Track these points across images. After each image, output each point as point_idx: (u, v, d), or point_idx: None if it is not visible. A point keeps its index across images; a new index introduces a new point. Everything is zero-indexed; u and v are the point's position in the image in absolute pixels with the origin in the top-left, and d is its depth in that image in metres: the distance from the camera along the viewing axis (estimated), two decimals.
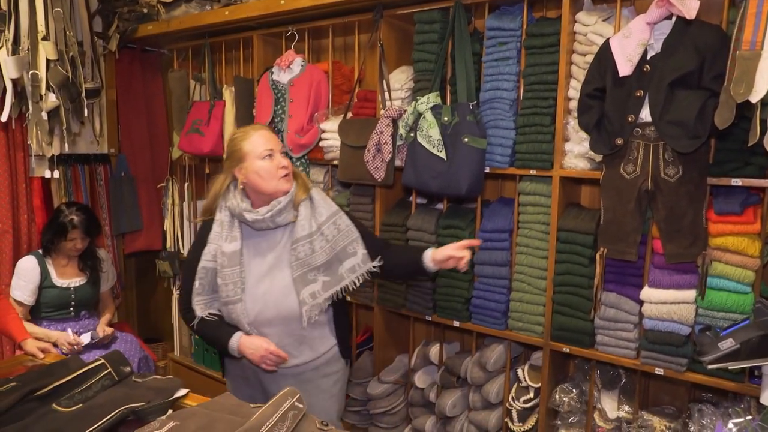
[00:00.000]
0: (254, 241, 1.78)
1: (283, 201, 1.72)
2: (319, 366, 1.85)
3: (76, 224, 2.65)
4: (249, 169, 1.72)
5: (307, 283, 1.73)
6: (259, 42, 2.84)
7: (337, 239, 1.76)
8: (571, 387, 2.13)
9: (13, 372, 1.71)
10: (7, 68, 2.69)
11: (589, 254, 1.96)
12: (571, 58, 1.97)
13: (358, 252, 1.77)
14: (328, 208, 1.78)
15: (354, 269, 1.76)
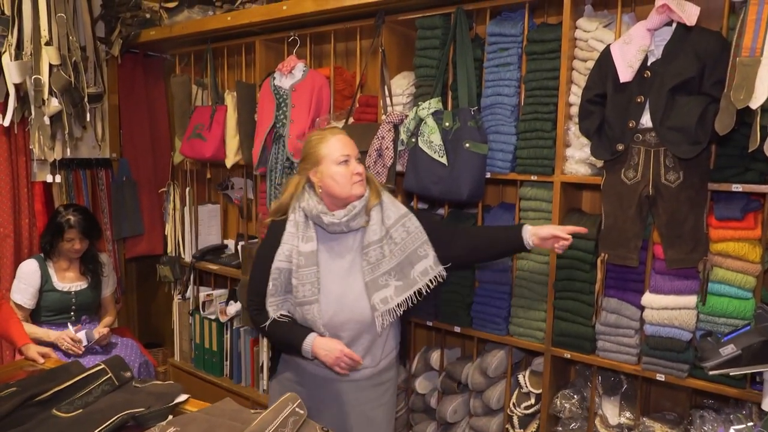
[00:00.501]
0: (328, 245, 1.77)
1: (358, 206, 1.71)
2: (375, 374, 1.82)
3: (72, 224, 2.65)
4: (324, 173, 1.72)
5: (378, 288, 1.71)
6: (261, 47, 2.85)
7: (406, 242, 1.73)
8: (573, 393, 2.12)
9: (13, 377, 1.71)
10: (10, 73, 2.70)
11: (590, 260, 1.96)
12: (572, 64, 1.98)
13: (429, 254, 1.73)
14: (396, 211, 1.76)
15: (426, 272, 1.72)
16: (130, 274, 3.79)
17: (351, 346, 1.72)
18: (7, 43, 2.72)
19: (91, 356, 2.56)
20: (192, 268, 3.33)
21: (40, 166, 3.17)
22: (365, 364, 1.77)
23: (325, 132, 1.79)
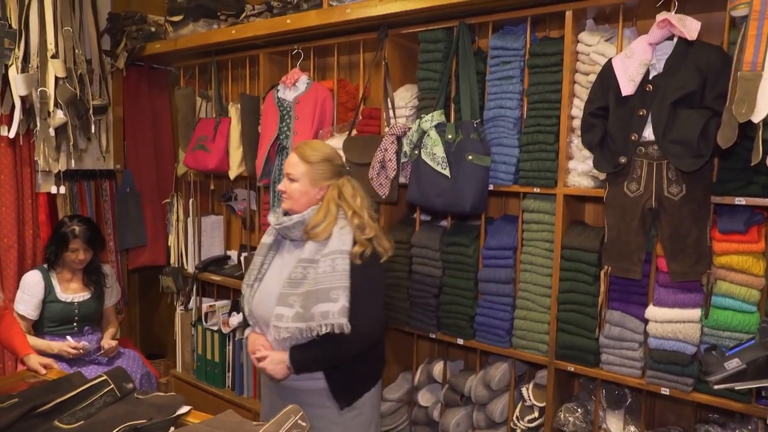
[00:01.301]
0: (286, 247, 1.85)
1: (290, 219, 1.77)
2: (304, 392, 1.80)
3: (77, 234, 2.66)
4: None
5: (284, 304, 1.70)
6: (265, 60, 2.87)
7: (325, 277, 1.67)
8: (577, 406, 2.11)
9: (15, 388, 1.71)
10: (17, 85, 2.72)
11: (594, 272, 1.95)
12: (574, 78, 1.99)
13: (340, 301, 1.63)
14: (338, 244, 1.71)
15: (326, 315, 1.63)
16: (133, 284, 3.79)
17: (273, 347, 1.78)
18: (14, 56, 2.75)
19: (93, 367, 2.55)
20: (195, 279, 3.33)
21: (44, 177, 3.18)
22: (291, 376, 1.76)
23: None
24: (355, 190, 1.82)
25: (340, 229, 1.73)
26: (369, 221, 1.77)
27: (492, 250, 2.18)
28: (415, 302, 2.37)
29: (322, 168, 1.79)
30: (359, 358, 1.76)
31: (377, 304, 1.78)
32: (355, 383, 1.82)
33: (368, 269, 1.72)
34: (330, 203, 1.77)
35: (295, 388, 1.80)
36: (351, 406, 1.81)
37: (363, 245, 1.72)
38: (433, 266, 2.31)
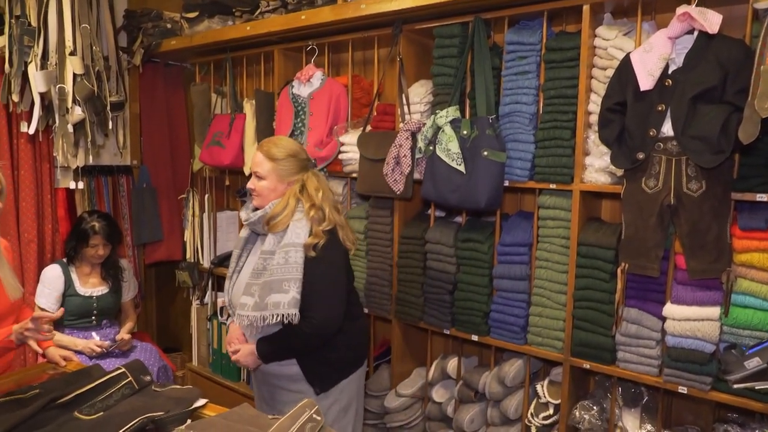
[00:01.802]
0: (260, 241, 1.93)
1: (252, 215, 1.87)
2: (281, 377, 1.90)
3: (97, 230, 2.71)
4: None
5: (247, 293, 1.80)
6: (279, 56, 2.88)
7: (278, 268, 1.75)
8: (592, 404, 2.09)
9: (36, 379, 1.73)
10: (36, 82, 2.76)
11: (610, 269, 1.94)
12: (591, 72, 1.97)
13: (291, 292, 1.73)
14: (292, 237, 1.78)
15: (278, 305, 1.73)
16: (150, 279, 3.83)
17: (247, 334, 1.91)
18: (33, 53, 2.78)
19: (111, 360, 2.59)
20: (210, 273, 3.36)
21: (63, 172, 3.22)
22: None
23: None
24: (320, 184, 1.89)
25: (295, 222, 1.80)
26: (330, 214, 1.84)
27: (507, 247, 2.17)
28: (430, 298, 2.37)
29: (288, 164, 1.86)
30: (326, 346, 1.85)
31: (332, 295, 1.83)
32: (326, 370, 1.90)
33: (321, 261, 1.78)
34: (290, 197, 1.84)
35: (273, 373, 1.91)
36: (327, 392, 1.89)
37: (317, 237, 1.79)
38: (447, 262, 2.30)
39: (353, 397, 1.98)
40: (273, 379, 1.94)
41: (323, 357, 1.87)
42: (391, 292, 2.50)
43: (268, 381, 1.96)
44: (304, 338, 1.80)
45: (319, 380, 1.88)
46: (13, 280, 1.85)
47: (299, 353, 1.86)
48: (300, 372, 1.87)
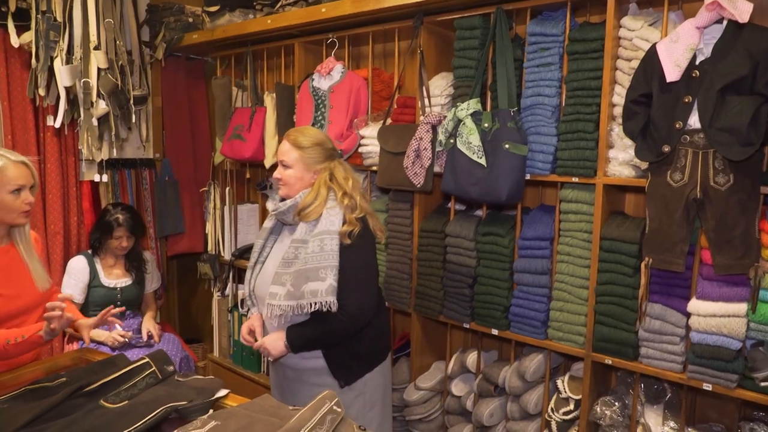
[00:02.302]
0: (285, 231, 1.94)
1: (281, 204, 1.85)
2: (305, 370, 1.88)
3: (121, 222, 2.76)
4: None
5: (278, 282, 1.78)
6: (300, 49, 2.88)
7: (313, 257, 1.73)
8: (614, 400, 2.07)
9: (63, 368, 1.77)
10: (61, 76, 2.80)
11: (634, 264, 1.91)
12: (615, 64, 1.93)
13: (328, 280, 1.71)
14: (327, 225, 1.76)
15: (315, 294, 1.71)
16: (172, 271, 3.88)
17: (268, 326, 1.90)
18: (59, 48, 2.83)
19: (135, 350, 2.64)
20: (231, 266, 3.40)
21: (88, 165, 3.28)
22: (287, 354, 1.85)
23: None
24: (347, 173, 1.88)
25: (328, 210, 1.79)
26: (360, 203, 1.83)
27: (528, 241, 2.15)
28: (449, 292, 2.36)
29: (314, 152, 1.85)
30: (354, 338, 1.83)
31: (366, 283, 1.82)
32: (352, 363, 1.88)
33: (357, 249, 1.78)
34: (321, 186, 1.82)
35: (296, 366, 1.89)
36: (350, 386, 1.88)
37: (352, 224, 1.77)
38: (467, 256, 2.29)
39: (378, 391, 1.95)
40: (294, 373, 1.92)
41: (350, 349, 1.85)
42: (410, 286, 2.50)
43: (290, 374, 1.94)
44: (338, 326, 1.77)
45: (344, 373, 1.87)
46: (42, 271, 1.88)
47: (331, 343, 1.83)
48: (324, 365, 1.85)
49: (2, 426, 1.35)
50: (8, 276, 1.77)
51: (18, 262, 1.82)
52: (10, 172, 1.71)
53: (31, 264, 1.85)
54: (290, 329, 1.81)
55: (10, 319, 1.77)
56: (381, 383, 1.97)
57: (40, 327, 1.65)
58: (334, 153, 1.90)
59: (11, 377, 1.70)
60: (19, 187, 1.73)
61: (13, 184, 1.71)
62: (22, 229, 1.84)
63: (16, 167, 1.72)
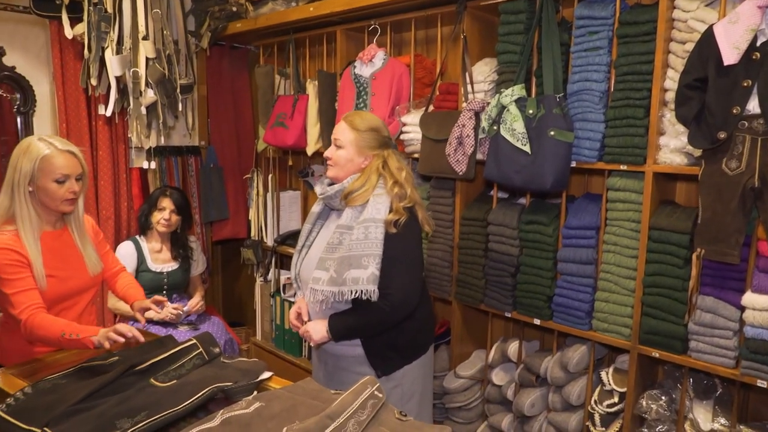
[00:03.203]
0: (332, 215, 1.93)
1: (329, 189, 1.85)
2: (343, 358, 1.88)
3: (167, 194, 2.86)
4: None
5: (321, 267, 1.77)
6: (342, 37, 2.88)
7: (357, 244, 1.71)
8: (660, 394, 2.02)
9: (115, 347, 1.84)
10: (112, 66, 2.89)
11: (684, 255, 1.84)
12: (668, 47, 1.86)
13: (370, 268, 1.68)
14: (373, 212, 1.74)
15: (357, 281, 1.69)
16: (216, 256, 3.98)
17: (311, 310, 1.89)
18: (110, 38, 2.91)
19: (183, 332, 2.72)
20: (273, 251, 3.46)
21: (137, 153, 3.38)
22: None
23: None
24: (401, 163, 1.84)
25: (376, 197, 1.76)
26: (411, 193, 1.80)
27: (573, 230, 2.11)
28: (491, 281, 2.34)
29: (369, 137, 1.82)
30: (394, 329, 1.81)
31: (410, 274, 1.79)
32: (390, 353, 1.86)
33: (402, 238, 1.74)
34: (372, 172, 1.80)
35: (335, 353, 1.89)
36: (388, 377, 1.86)
37: (398, 213, 1.74)
38: (510, 245, 2.26)
39: (417, 383, 1.93)
40: (336, 360, 1.91)
41: (389, 340, 1.83)
42: (451, 274, 2.49)
43: (330, 361, 1.94)
44: (380, 316, 1.74)
45: (382, 363, 1.85)
46: (94, 255, 1.95)
47: (372, 332, 1.81)
48: (362, 354, 1.85)
49: (62, 400, 1.42)
50: (61, 259, 1.84)
51: (71, 246, 1.89)
52: (56, 161, 1.75)
53: (83, 248, 1.91)
54: (332, 317, 1.81)
55: (62, 300, 1.84)
56: (420, 375, 1.94)
57: (96, 332, 1.68)
58: (389, 141, 1.87)
59: (67, 355, 1.78)
60: (64, 177, 1.77)
61: (58, 173, 1.76)
62: (76, 213, 1.90)
63: (63, 156, 1.77)
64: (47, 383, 1.53)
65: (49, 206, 1.81)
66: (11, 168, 1.75)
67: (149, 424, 1.33)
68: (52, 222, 1.84)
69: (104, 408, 1.39)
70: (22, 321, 1.69)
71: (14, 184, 1.74)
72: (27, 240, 1.75)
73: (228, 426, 1.28)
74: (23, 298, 1.70)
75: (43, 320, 1.69)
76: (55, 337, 1.68)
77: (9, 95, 3.29)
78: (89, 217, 2.01)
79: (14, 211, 1.75)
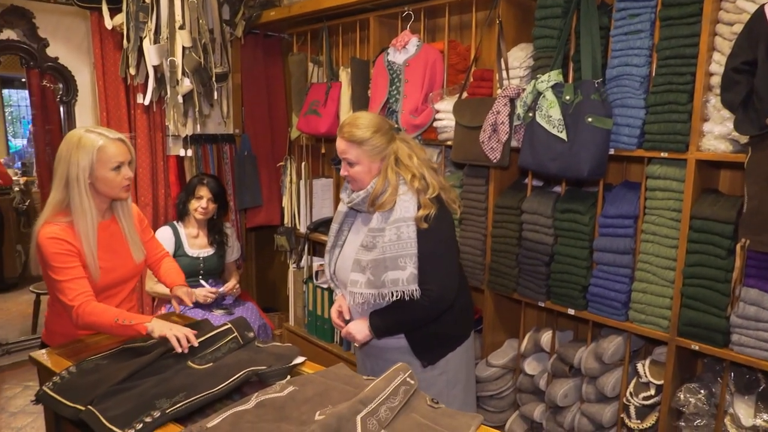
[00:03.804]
0: (361, 217, 1.92)
1: (355, 196, 1.83)
2: (388, 350, 1.87)
3: (204, 183, 2.93)
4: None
5: (358, 270, 1.77)
6: (375, 23, 2.87)
7: (391, 245, 1.70)
8: (699, 387, 1.97)
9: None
10: (150, 56, 2.94)
11: (728, 245, 1.78)
12: (715, 29, 1.79)
13: (408, 268, 1.68)
14: (401, 212, 1.72)
15: (396, 283, 1.69)
16: (250, 242, 4.04)
17: (352, 310, 1.90)
18: (147, 28, 2.97)
19: (218, 317, 2.78)
20: (306, 238, 3.49)
21: (174, 141, 3.45)
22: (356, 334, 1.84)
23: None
24: (411, 149, 1.81)
25: (401, 196, 1.73)
26: (431, 180, 1.77)
27: (610, 219, 2.06)
28: (524, 269, 2.31)
29: (375, 141, 1.77)
30: (435, 320, 1.80)
31: (447, 266, 1.78)
32: (434, 343, 1.86)
33: (434, 232, 1.73)
34: (388, 172, 1.77)
35: (379, 346, 1.89)
36: (434, 365, 1.86)
37: (427, 207, 1.72)
38: (544, 233, 2.23)
39: (462, 369, 1.93)
40: (381, 353, 1.90)
41: (432, 331, 1.83)
42: (484, 262, 2.47)
43: (371, 353, 1.94)
44: (421, 312, 1.74)
45: (426, 353, 1.86)
46: (139, 244, 1.99)
47: (414, 327, 1.81)
48: (406, 344, 1.85)
49: (104, 380, 1.47)
50: (110, 249, 1.89)
51: (118, 235, 1.94)
52: (110, 150, 1.80)
53: (129, 236, 1.96)
54: (373, 316, 1.80)
55: (107, 289, 1.89)
56: (464, 361, 1.94)
57: (149, 320, 1.73)
58: (392, 132, 1.82)
59: (107, 337, 1.84)
60: (119, 164, 1.82)
61: (114, 161, 1.80)
62: (125, 203, 1.94)
63: (115, 145, 1.81)
64: (90, 363, 1.59)
65: (107, 195, 1.84)
66: (64, 163, 1.76)
67: (187, 404, 1.37)
68: (102, 212, 1.89)
69: (144, 388, 1.43)
70: (73, 308, 1.73)
71: (72, 178, 1.76)
72: (85, 231, 1.78)
73: (262, 408, 1.31)
74: (74, 286, 1.75)
75: (95, 308, 1.74)
76: (108, 323, 1.72)
77: (52, 85, 3.40)
78: (134, 205, 2.06)
79: (70, 204, 1.78)
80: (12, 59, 3.28)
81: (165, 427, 1.30)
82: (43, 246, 1.74)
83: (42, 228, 1.77)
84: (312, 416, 1.27)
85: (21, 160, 5.74)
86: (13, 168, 5.58)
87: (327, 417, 1.20)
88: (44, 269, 1.79)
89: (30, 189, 5.10)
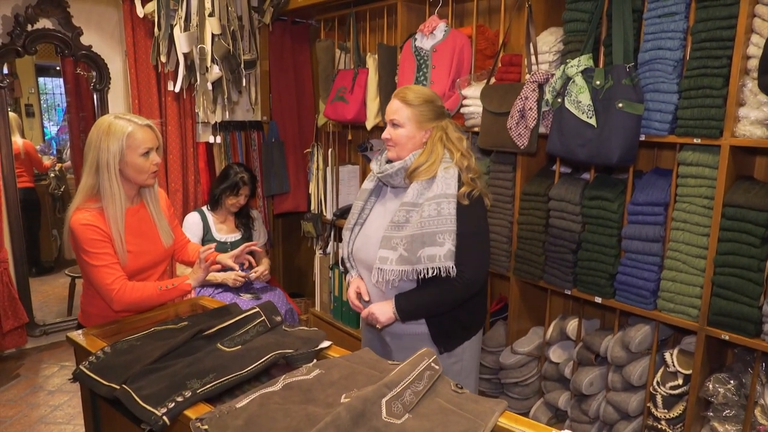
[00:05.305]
0: (389, 193, 1.88)
1: (392, 167, 1.78)
2: (408, 335, 1.84)
3: (246, 182, 3.00)
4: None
5: (387, 246, 1.72)
6: (402, 9, 2.85)
7: (430, 221, 1.66)
8: (729, 378, 1.94)
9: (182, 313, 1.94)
10: (180, 43, 2.98)
11: (762, 234, 1.74)
12: (754, 10, 1.73)
13: (446, 245, 1.64)
14: (443, 188, 1.69)
15: (433, 259, 1.65)
16: (277, 228, 4.10)
17: (371, 291, 1.86)
18: (178, 16, 3.00)
19: (246, 301, 2.84)
20: (332, 225, 3.52)
21: (203, 128, 3.50)
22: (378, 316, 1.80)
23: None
24: (460, 134, 1.80)
25: (444, 171, 1.71)
26: (474, 165, 1.76)
27: (640, 206, 2.03)
28: (551, 257, 2.29)
29: (426, 109, 1.77)
30: (462, 305, 1.78)
31: (482, 249, 1.77)
32: (455, 330, 1.85)
33: (474, 210, 1.72)
34: (436, 144, 1.75)
35: (397, 332, 1.86)
36: (450, 353, 1.85)
37: (470, 185, 1.72)
38: (572, 221, 2.20)
39: (474, 358, 1.93)
40: (397, 339, 1.88)
41: (454, 317, 1.81)
42: (510, 249, 2.46)
43: (386, 340, 1.92)
44: (452, 294, 1.71)
45: (445, 340, 1.84)
46: (168, 228, 2.04)
47: (440, 311, 1.77)
48: (426, 332, 1.82)
49: (138, 360, 1.52)
50: (139, 234, 1.94)
51: (147, 220, 1.98)
52: (139, 136, 1.83)
53: (158, 221, 2.00)
54: (399, 297, 1.76)
55: (139, 273, 1.94)
56: (477, 350, 1.95)
57: (186, 277, 1.79)
58: (444, 111, 1.82)
59: (140, 318, 1.89)
60: (148, 150, 1.85)
61: (143, 147, 1.84)
62: (152, 188, 1.99)
63: (143, 131, 1.85)
64: (124, 344, 1.64)
65: (136, 180, 1.88)
66: (95, 149, 1.80)
67: (216, 385, 1.41)
68: (131, 198, 1.93)
69: (176, 368, 1.48)
70: (114, 290, 1.79)
71: (102, 164, 1.80)
72: (114, 216, 1.83)
73: (289, 390, 1.34)
74: (111, 270, 1.81)
75: (134, 286, 1.83)
76: (153, 293, 1.82)
77: (86, 73, 3.48)
78: (162, 191, 2.10)
79: (100, 190, 1.82)
80: (47, 48, 3.36)
81: (196, 407, 1.33)
82: (76, 232, 1.79)
83: (74, 214, 1.81)
84: (338, 399, 1.29)
85: (56, 147, 5.90)
86: (48, 155, 5.74)
87: (353, 399, 1.22)
88: (78, 254, 1.85)
89: (65, 175, 5.24)
